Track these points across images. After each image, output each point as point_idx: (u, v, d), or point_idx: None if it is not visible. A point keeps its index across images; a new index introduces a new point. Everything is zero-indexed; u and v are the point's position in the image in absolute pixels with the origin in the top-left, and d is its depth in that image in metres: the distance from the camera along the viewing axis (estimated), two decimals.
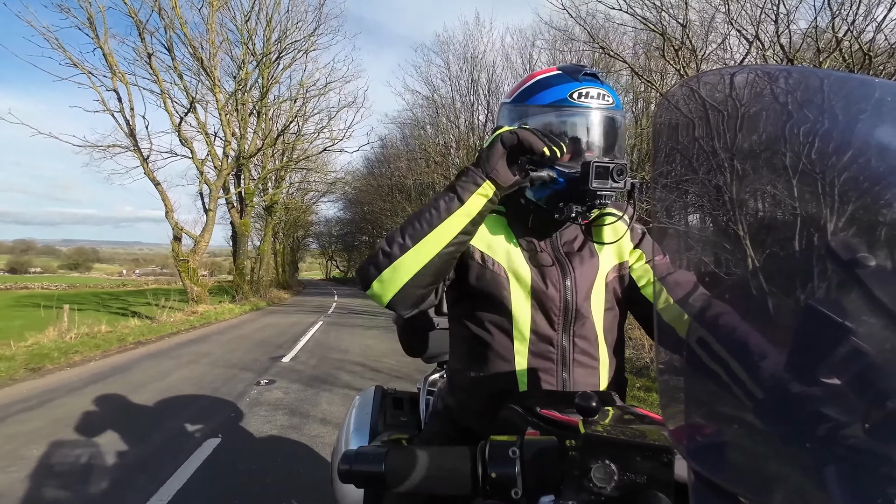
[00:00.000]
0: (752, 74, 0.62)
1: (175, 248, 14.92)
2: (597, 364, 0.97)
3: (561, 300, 0.94)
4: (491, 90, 17.08)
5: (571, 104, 0.92)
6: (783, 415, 0.44)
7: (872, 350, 0.41)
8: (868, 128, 0.51)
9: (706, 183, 0.62)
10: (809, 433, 0.42)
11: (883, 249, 0.46)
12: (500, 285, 0.95)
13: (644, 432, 0.49)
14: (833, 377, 0.42)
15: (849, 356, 0.41)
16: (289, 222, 31.42)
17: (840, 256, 0.44)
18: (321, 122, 20.51)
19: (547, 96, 0.94)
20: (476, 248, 0.96)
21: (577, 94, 0.92)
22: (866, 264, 0.43)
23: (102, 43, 13.74)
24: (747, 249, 0.56)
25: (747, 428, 0.46)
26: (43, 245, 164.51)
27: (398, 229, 0.85)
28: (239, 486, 2.78)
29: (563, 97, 0.92)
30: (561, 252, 0.99)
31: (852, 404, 0.41)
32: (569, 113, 0.92)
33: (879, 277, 0.43)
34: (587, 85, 0.93)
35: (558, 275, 0.95)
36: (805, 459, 0.41)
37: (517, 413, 0.73)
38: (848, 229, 0.48)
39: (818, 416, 0.41)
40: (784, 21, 5.85)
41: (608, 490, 0.45)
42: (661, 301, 0.87)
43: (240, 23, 17.03)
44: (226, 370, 6.00)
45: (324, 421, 3.97)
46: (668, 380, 0.53)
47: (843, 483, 0.37)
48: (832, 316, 0.42)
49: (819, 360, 0.43)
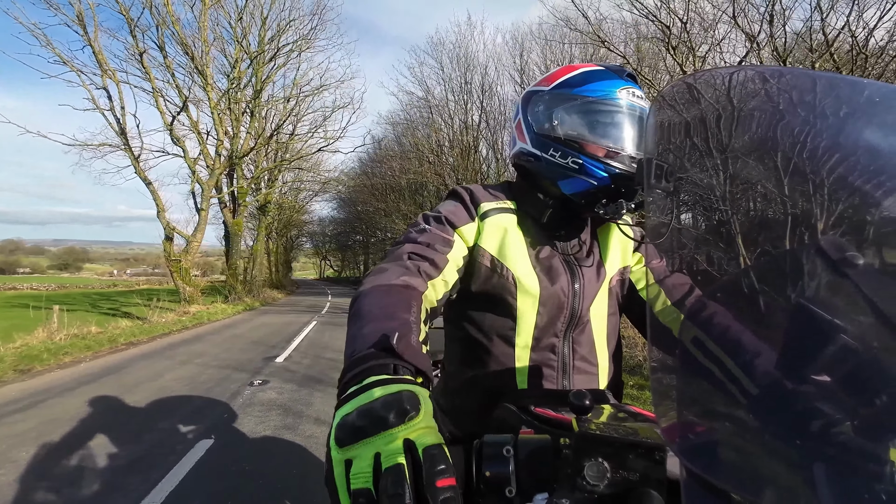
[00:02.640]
0: (747, 74, 0.62)
1: (167, 247, 14.78)
2: (596, 370, 0.95)
3: (568, 307, 0.92)
4: (484, 89, 17.10)
5: (620, 101, 0.90)
6: (774, 412, 0.44)
7: (862, 348, 0.41)
8: (858, 128, 0.51)
9: (699, 181, 0.63)
10: (799, 430, 0.42)
11: (871, 248, 0.47)
12: (507, 291, 0.92)
13: (637, 430, 0.49)
14: (823, 375, 0.43)
15: (839, 354, 0.41)
16: (282, 221, 31.26)
17: (829, 255, 0.45)
18: (316, 122, 20.46)
19: (595, 89, 0.91)
20: (487, 251, 0.93)
21: (626, 93, 0.91)
22: (855, 263, 0.43)
23: (92, 40, 13.58)
24: (739, 248, 0.56)
25: (739, 425, 0.46)
26: (32, 245, 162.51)
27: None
28: (232, 487, 2.76)
29: (613, 92, 0.91)
30: (570, 256, 0.96)
31: (842, 402, 0.41)
32: (618, 109, 0.90)
33: (868, 276, 0.43)
34: (632, 85, 0.92)
35: (568, 281, 0.93)
36: (795, 457, 0.42)
37: (512, 412, 0.73)
38: (837, 228, 0.49)
39: (808, 414, 0.42)
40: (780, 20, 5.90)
41: (601, 488, 0.45)
42: (659, 303, 0.89)
43: (233, 21, 16.92)
44: (219, 370, 5.96)
45: (318, 421, 3.96)
46: (660, 378, 0.53)
47: (831, 480, 0.38)
48: (823, 314, 0.43)
49: (810, 358, 0.43)
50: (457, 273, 0.92)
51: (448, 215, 0.94)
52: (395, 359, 0.58)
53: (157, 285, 33.43)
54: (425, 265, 0.85)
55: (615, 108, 0.90)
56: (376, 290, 0.77)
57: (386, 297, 0.75)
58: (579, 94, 0.92)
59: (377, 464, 0.45)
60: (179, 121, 15.78)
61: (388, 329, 0.63)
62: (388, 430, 0.46)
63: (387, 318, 0.68)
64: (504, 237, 0.94)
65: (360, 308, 0.72)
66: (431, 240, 0.90)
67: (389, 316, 0.68)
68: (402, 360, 0.58)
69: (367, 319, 0.68)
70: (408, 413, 0.47)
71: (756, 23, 6.52)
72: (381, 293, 0.76)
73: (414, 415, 0.47)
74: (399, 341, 0.60)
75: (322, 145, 20.35)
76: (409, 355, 0.59)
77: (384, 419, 0.47)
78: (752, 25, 6.57)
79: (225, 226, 19.04)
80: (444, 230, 0.92)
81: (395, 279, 0.80)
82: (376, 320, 0.67)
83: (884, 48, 5.68)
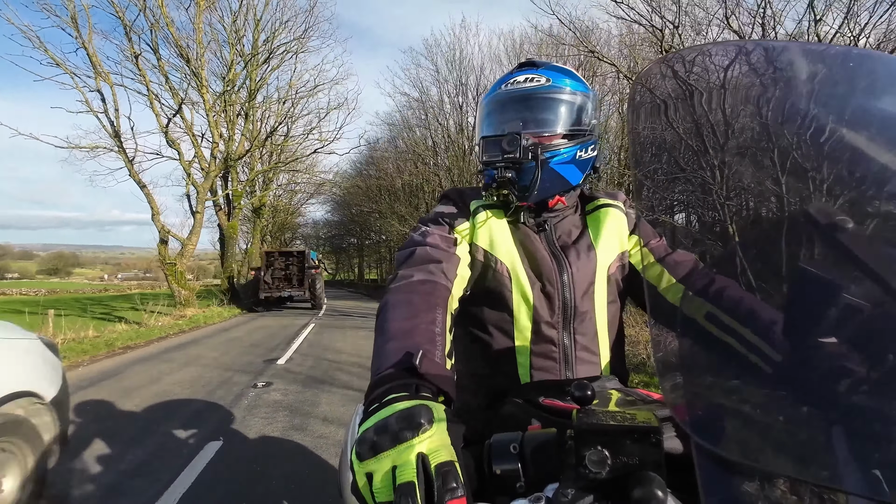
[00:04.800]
0: (733, 50, 0.62)
1: (162, 251, 14.64)
2: (598, 360, 0.96)
3: (559, 297, 0.93)
4: (479, 91, 17.14)
5: (498, 93, 0.99)
6: (799, 379, 0.45)
7: (866, 307, 0.42)
8: (849, 99, 0.52)
9: (686, 158, 0.63)
10: (811, 394, 0.43)
11: (864, 219, 0.48)
12: (502, 284, 0.94)
13: (634, 416, 0.51)
14: (831, 337, 0.44)
15: (843, 315, 0.43)
16: (276, 224, 31.07)
17: (819, 221, 0.47)
18: (311, 124, 20.38)
19: (489, 93, 1.02)
20: (481, 247, 0.96)
21: (506, 84, 0.99)
22: (844, 227, 0.45)
23: (86, 42, 13.46)
24: (730, 226, 0.57)
25: (748, 394, 0.47)
26: (20, 249, 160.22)
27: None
28: (245, 487, 2.74)
29: (496, 89, 1.00)
30: (556, 246, 0.97)
31: (854, 361, 0.42)
32: (495, 101, 1.00)
33: (858, 239, 0.45)
34: (517, 74, 0.99)
35: (555, 272, 0.94)
36: (815, 421, 0.42)
37: (520, 406, 0.75)
38: (828, 196, 0.50)
39: (831, 377, 0.43)
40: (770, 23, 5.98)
41: (603, 475, 0.48)
42: (664, 282, 0.90)
43: (228, 23, 16.85)
44: (220, 373, 5.91)
45: (326, 420, 3.94)
46: (665, 356, 0.54)
47: (847, 442, 0.38)
48: (823, 276, 0.44)
49: (820, 322, 0.44)
50: (469, 269, 0.95)
51: (445, 216, 0.99)
52: (418, 378, 0.60)
53: (148, 289, 33.07)
54: (442, 265, 0.88)
55: (492, 104, 1.00)
56: (401, 299, 0.79)
57: (410, 307, 0.76)
58: (483, 102, 1.03)
59: (395, 476, 0.47)
60: (175, 122, 15.69)
61: (412, 346, 0.66)
62: (402, 444, 0.48)
63: (411, 332, 0.70)
64: (495, 232, 0.97)
65: (385, 320, 0.75)
66: (437, 241, 0.93)
67: (413, 329, 0.71)
68: (424, 379, 0.60)
69: (392, 334, 0.70)
70: (421, 426, 0.49)
71: (748, 25, 6.60)
72: (406, 303, 0.78)
73: (427, 427, 0.49)
74: (422, 360, 0.62)
75: (317, 147, 20.29)
76: (431, 375, 0.61)
77: (398, 433, 0.49)
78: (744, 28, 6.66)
79: (220, 229, 18.90)
80: (445, 230, 0.97)
81: (419, 286, 0.82)
82: (401, 336, 0.69)
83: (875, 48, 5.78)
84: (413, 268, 0.87)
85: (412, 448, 0.48)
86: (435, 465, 0.47)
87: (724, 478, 0.42)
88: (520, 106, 0.96)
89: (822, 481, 0.40)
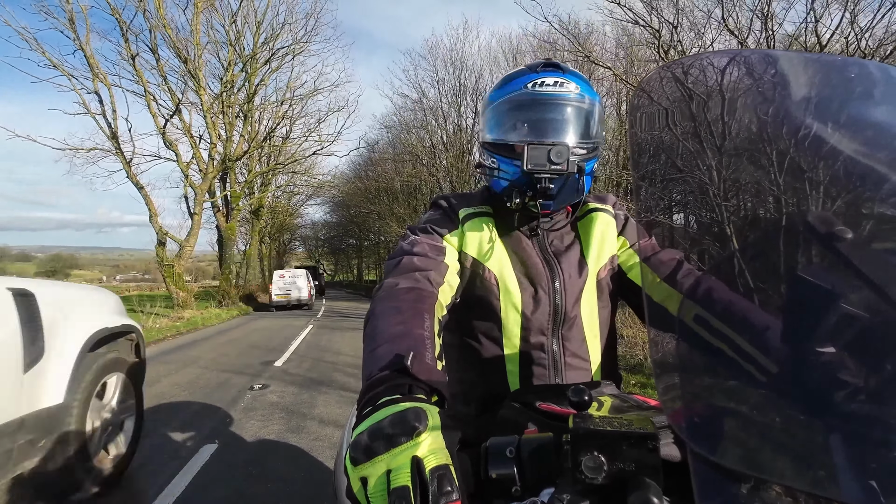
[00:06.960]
0: (732, 59, 0.62)
1: (160, 252, 14.62)
2: (588, 365, 0.95)
3: (551, 304, 0.93)
4: (478, 92, 17.17)
5: (524, 93, 0.93)
6: (793, 386, 0.45)
7: (863, 316, 0.42)
8: (849, 107, 0.52)
9: (685, 161, 0.63)
10: (818, 402, 0.42)
11: (860, 222, 0.48)
12: (490, 292, 0.94)
13: (631, 421, 0.51)
14: (829, 346, 0.43)
15: (841, 323, 0.42)
16: (275, 226, 31.07)
17: (818, 230, 0.46)
18: (309, 126, 20.39)
19: (507, 90, 0.96)
20: (469, 255, 0.95)
21: (533, 84, 0.93)
22: (844, 237, 0.45)
23: (84, 44, 13.45)
24: (728, 229, 0.57)
25: (746, 402, 0.47)
26: (18, 251, 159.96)
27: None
28: (240, 490, 2.73)
29: (518, 88, 0.94)
30: (549, 253, 0.97)
31: (850, 370, 0.42)
32: (520, 102, 0.94)
33: (858, 249, 0.44)
34: (544, 75, 0.94)
35: (547, 278, 0.93)
36: (812, 429, 0.42)
37: (517, 410, 0.75)
38: (827, 204, 0.50)
39: (827, 385, 0.42)
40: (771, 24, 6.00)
41: (599, 480, 0.47)
42: (649, 282, 0.89)
43: (226, 24, 16.85)
44: (217, 375, 5.89)
45: (323, 422, 3.93)
46: (662, 360, 0.54)
47: (844, 451, 0.38)
48: (821, 284, 0.44)
49: (816, 330, 0.44)
50: (457, 276, 0.94)
51: (433, 225, 0.98)
52: (410, 379, 0.60)
53: (147, 291, 33.02)
54: (429, 273, 0.88)
55: (518, 102, 0.94)
56: (388, 307, 0.78)
57: (398, 314, 0.76)
58: (494, 99, 0.98)
59: (389, 481, 0.47)
60: (173, 124, 15.68)
61: (402, 348, 0.65)
62: (397, 448, 0.48)
63: (401, 337, 0.69)
64: (484, 240, 0.96)
65: (374, 328, 0.75)
66: (425, 250, 0.93)
67: (403, 334, 0.70)
68: (416, 379, 0.60)
69: (382, 339, 0.70)
70: (415, 429, 0.49)
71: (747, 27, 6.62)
72: (394, 310, 0.77)
73: (421, 430, 0.49)
74: (413, 361, 0.62)
75: (316, 149, 20.29)
76: (423, 374, 0.61)
77: (391, 437, 0.48)
78: (743, 30, 6.68)
79: (218, 230, 18.89)
80: (434, 239, 0.96)
81: (405, 293, 0.82)
82: (391, 340, 0.69)
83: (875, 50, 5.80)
84: (399, 276, 0.86)
85: (406, 452, 0.48)
86: (430, 469, 0.47)
87: (719, 485, 0.42)
88: (557, 114, 0.93)
89: (817, 490, 0.39)
